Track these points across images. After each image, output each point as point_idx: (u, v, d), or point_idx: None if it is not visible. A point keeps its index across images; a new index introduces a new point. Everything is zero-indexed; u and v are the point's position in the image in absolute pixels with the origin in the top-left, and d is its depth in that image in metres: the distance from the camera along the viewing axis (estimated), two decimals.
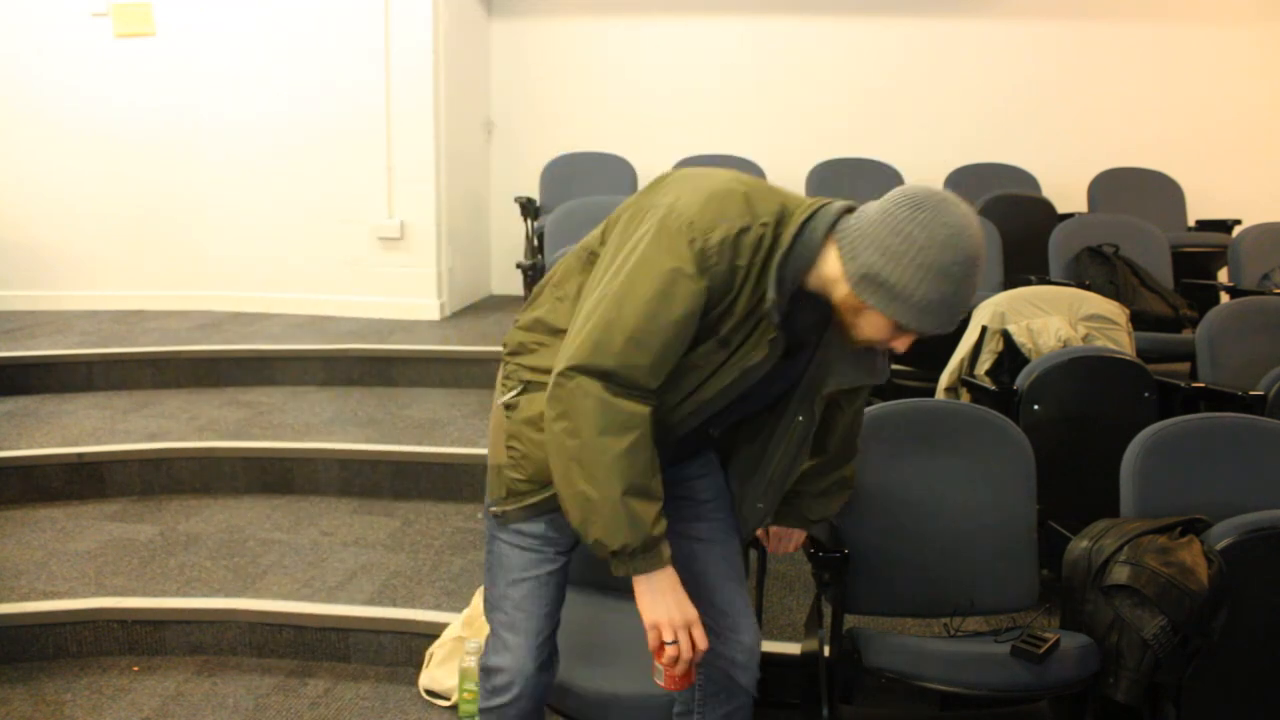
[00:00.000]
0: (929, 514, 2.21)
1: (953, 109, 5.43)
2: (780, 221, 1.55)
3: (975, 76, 5.41)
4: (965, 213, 1.49)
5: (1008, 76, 5.40)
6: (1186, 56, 5.34)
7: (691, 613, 1.59)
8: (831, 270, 1.54)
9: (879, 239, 1.49)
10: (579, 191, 4.76)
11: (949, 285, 1.47)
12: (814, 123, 5.47)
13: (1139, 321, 3.49)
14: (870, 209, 1.53)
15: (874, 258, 1.48)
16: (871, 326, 1.55)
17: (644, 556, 1.54)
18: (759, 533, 1.96)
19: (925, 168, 5.19)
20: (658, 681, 1.63)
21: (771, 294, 1.52)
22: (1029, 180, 5.19)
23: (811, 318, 1.60)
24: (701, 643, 1.59)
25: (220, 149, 5.10)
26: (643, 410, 1.52)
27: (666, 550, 1.57)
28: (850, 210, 1.56)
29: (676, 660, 1.59)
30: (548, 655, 1.77)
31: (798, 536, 2.01)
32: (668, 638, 1.58)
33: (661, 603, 1.57)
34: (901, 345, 1.57)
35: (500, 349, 1.79)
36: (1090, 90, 5.39)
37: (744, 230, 1.52)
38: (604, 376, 1.50)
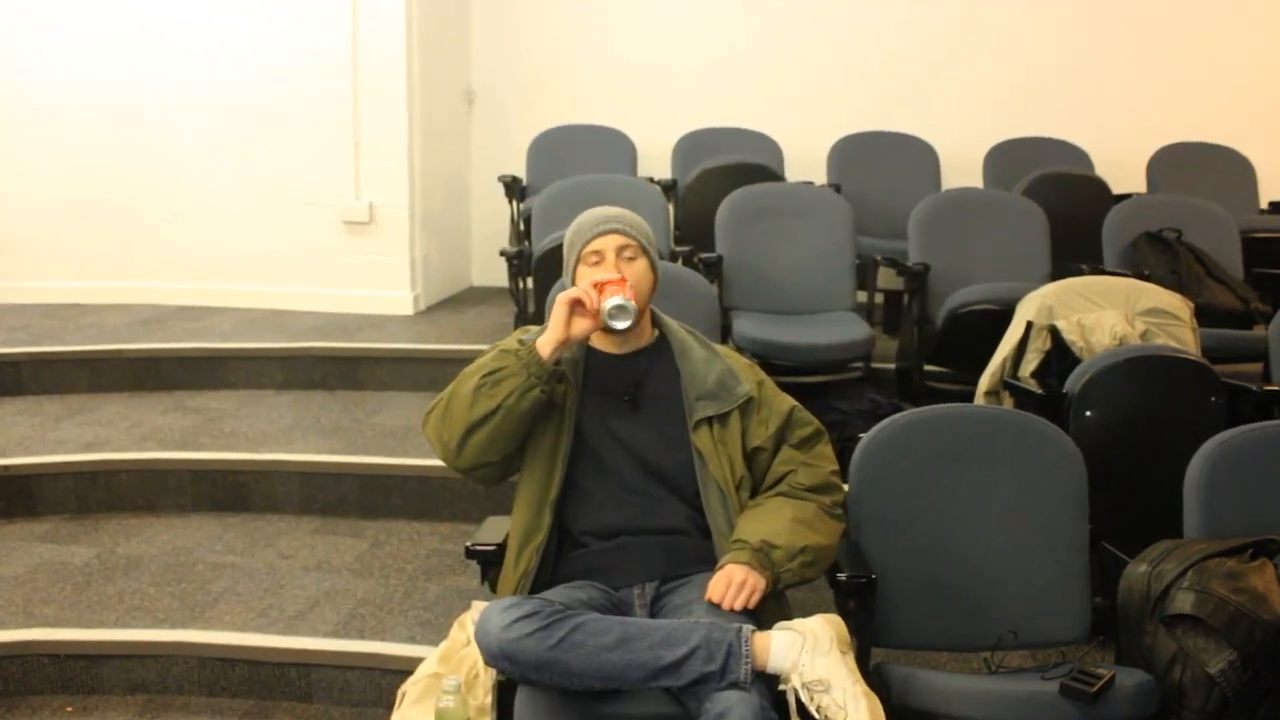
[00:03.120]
0: (967, 534, 2.21)
1: (992, 76, 5.42)
2: None
3: (1017, 38, 5.41)
4: None
5: (1054, 38, 5.40)
6: (1260, 14, 5.34)
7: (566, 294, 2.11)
8: None
9: None
10: (571, 169, 4.76)
11: (577, 218, 2.24)
12: (836, 93, 5.47)
13: (1205, 316, 3.49)
14: None
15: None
16: (582, 280, 2.15)
17: (520, 351, 2.09)
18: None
19: (961, 143, 5.19)
20: (618, 306, 2.08)
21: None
22: (1080, 156, 5.19)
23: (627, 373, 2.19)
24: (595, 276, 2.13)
25: (166, 123, 5.11)
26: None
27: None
28: None
29: (602, 287, 2.09)
30: None
31: (748, 584, 2.00)
32: (571, 297, 2.07)
33: (553, 318, 2.09)
34: (608, 267, 2.15)
35: (483, 347, 1.91)
36: (1150, 53, 5.38)
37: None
38: None
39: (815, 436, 2.23)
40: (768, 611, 2.02)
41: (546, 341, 2.08)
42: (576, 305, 2.09)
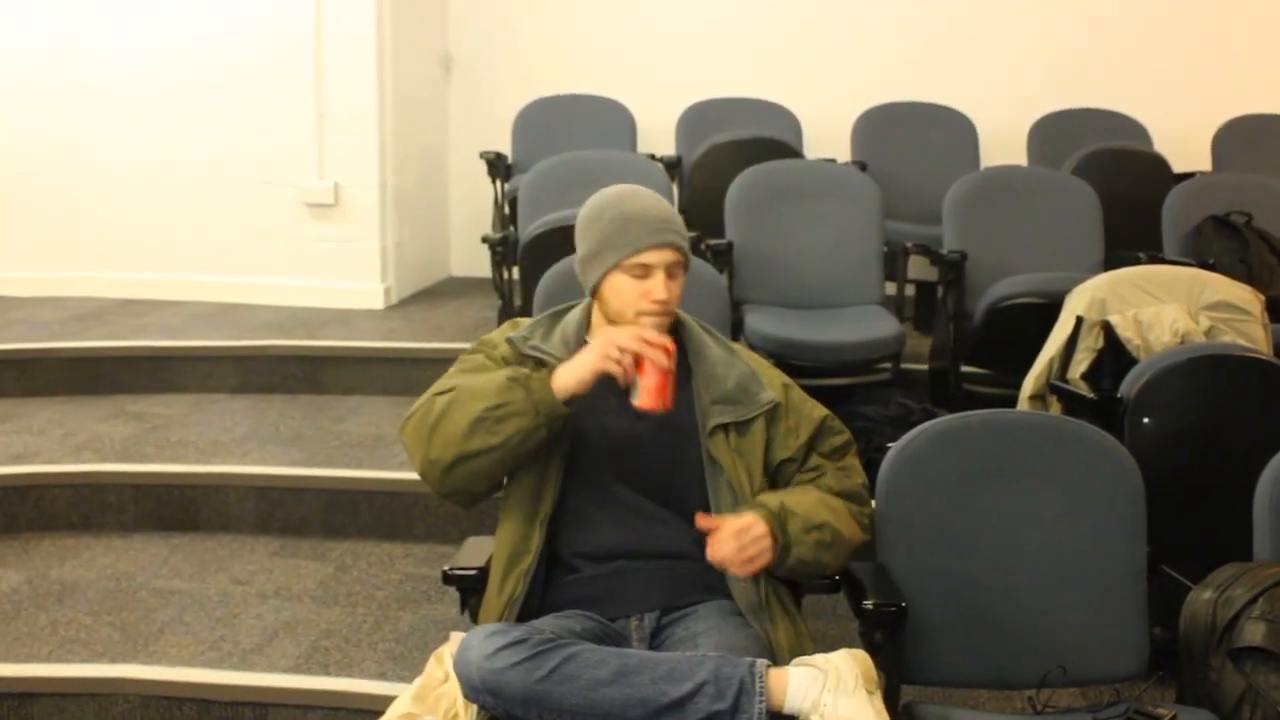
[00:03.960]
0: (1009, 557, 2.21)
1: (1038, 39, 5.43)
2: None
3: None
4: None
5: None
6: None
7: (612, 332, 2.01)
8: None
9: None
10: (562, 145, 4.77)
11: (613, 210, 2.12)
12: (862, 58, 5.49)
13: (1277, 311, 3.49)
14: None
15: (576, 259, 2.16)
16: (617, 296, 2.10)
17: (531, 382, 1.99)
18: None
19: (1002, 115, 5.20)
20: (641, 404, 1.98)
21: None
22: (1137, 130, 5.20)
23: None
24: (650, 334, 1.98)
25: (101, 94, 5.12)
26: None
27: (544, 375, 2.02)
28: None
29: (642, 363, 1.96)
30: None
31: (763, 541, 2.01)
32: (615, 354, 1.95)
33: (582, 360, 2.00)
34: (660, 291, 2.09)
35: (463, 346, 1.89)
36: (1216, 13, 5.39)
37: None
38: None
39: (846, 446, 2.24)
40: (783, 642, 2.03)
41: (567, 382, 2.00)
42: (623, 354, 1.97)
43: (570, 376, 2.00)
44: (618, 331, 2.01)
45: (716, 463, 2.11)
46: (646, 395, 1.97)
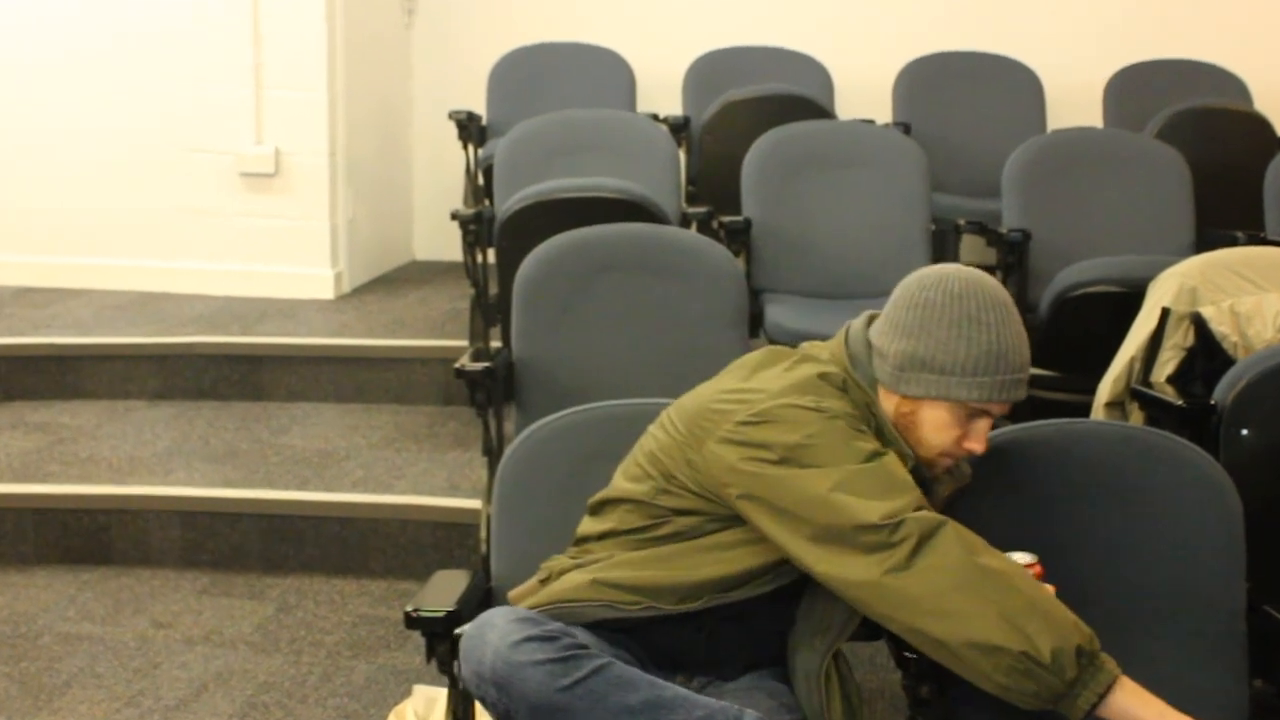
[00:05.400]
0: (1078, 595, 2.20)
1: None
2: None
3: None
4: (974, 271, 2.08)
5: None
6: None
7: None
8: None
9: (899, 323, 2.04)
10: (547, 103, 4.76)
11: (988, 334, 2.00)
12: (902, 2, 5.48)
13: None
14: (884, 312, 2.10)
15: (902, 344, 2.03)
16: (934, 428, 2.03)
17: (1091, 663, 1.87)
18: None
19: (1074, 67, 5.21)
20: None
21: None
22: (1234, 85, 5.20)
23: None
24: None
25: None
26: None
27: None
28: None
29: None
30: None
31: None
32: None
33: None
34: (979, 442, 2.04)
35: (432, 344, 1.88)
36: None
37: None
38: None
39: None
40: (834, 706, 2.04)
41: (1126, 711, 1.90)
42: None
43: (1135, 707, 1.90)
44: None
45: None
46: None
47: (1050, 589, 1.96)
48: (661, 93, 5.29)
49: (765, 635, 2.10)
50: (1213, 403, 2.79)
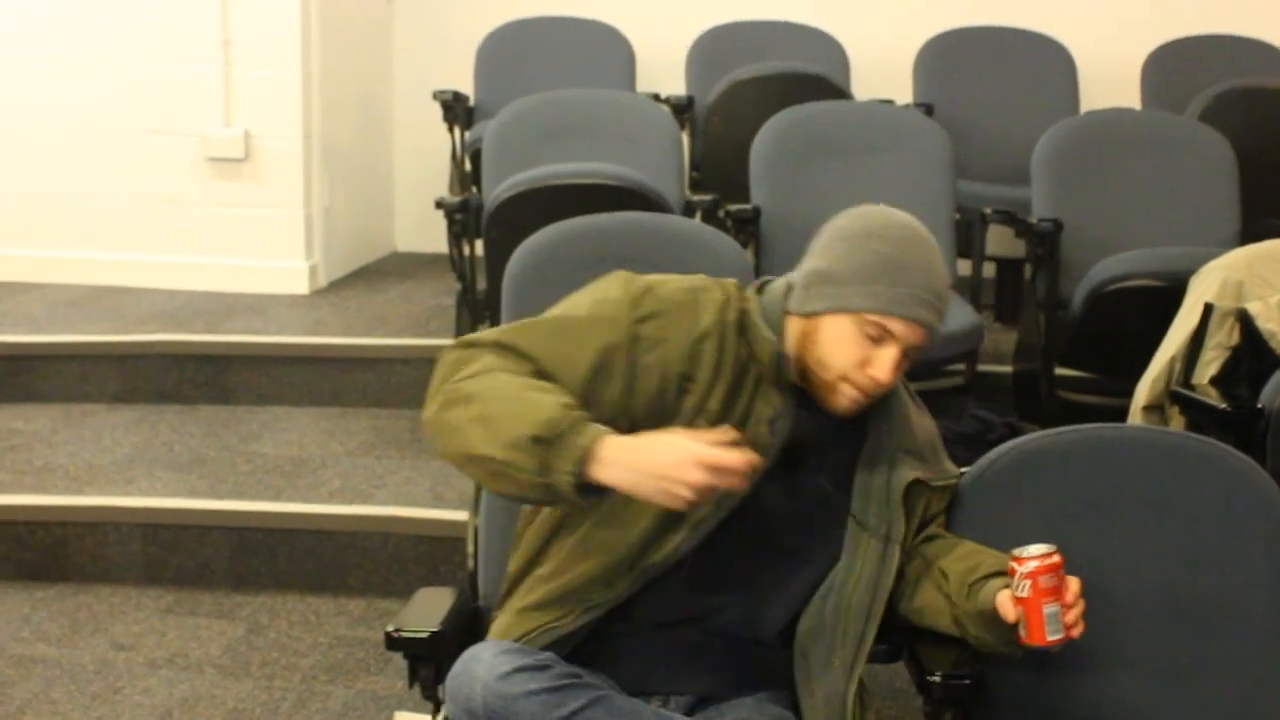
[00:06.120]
0: (1116, 615, 2.22)
1: None
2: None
3: None
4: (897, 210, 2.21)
5: None
6: None
7: (686, 451, 1.84)
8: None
9: (811, 250, 2.19)
10: (539, 83, 4.77)
11: (889, 246, 2.09)
12: None
13: None
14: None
15: (808, 264, 2.17)
16: (833, 345, 2.06)
17: (573, 432, 1.84)
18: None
19: (1109, 44, 5.21)
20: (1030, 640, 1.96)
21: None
22: None
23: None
24: (735, 458, 1.84)
25: None
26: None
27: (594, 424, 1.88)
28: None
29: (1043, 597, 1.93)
30: None
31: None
32: (686, 492, 1.81)
33: (645, 464, 1.83)
34: (883, 370, 2.04)
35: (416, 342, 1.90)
36: None
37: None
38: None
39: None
40: None
41: (613, 475, 1.85)
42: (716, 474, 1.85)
43: (621, 471, 1.84)
44: (694, 453, 1.83)
45: (904, 513, 2.14)
46: (1036, 631, 1.96)
47: (1077, 583, 1.99)
48: (663, 71, 5.30)
49: (734, 640, 2.10)
50: (1260, 406, 2.80)
